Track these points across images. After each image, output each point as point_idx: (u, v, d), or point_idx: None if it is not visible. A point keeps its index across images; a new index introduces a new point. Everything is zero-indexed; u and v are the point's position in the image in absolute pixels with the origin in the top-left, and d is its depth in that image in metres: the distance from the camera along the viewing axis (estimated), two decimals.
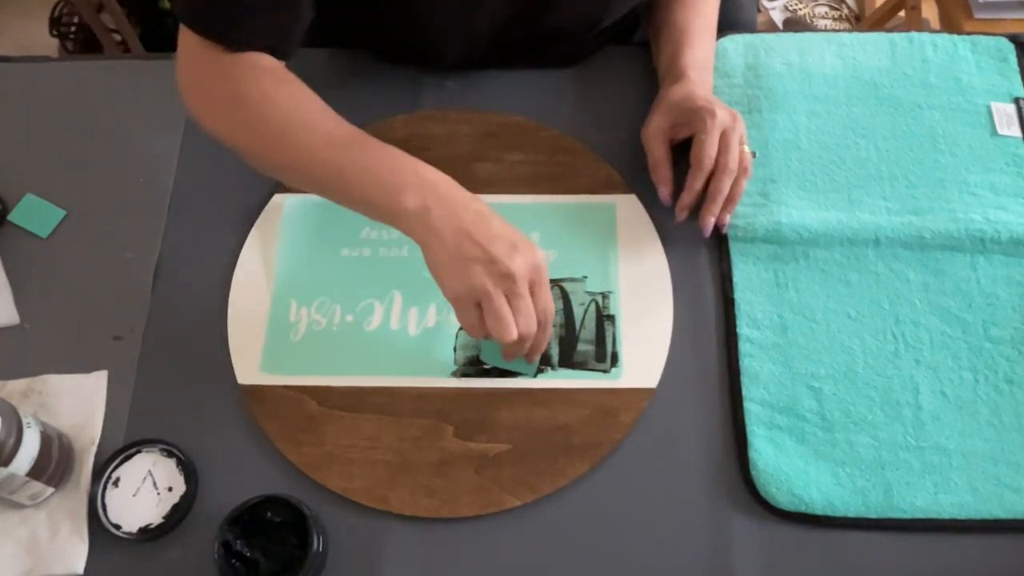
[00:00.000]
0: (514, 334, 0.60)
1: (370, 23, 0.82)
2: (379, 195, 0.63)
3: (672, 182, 0.75)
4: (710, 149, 0.71)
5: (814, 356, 0.71)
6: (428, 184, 0.62)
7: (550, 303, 0.63)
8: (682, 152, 0.76)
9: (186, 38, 0.68)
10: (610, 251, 0.76)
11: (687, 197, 0.74)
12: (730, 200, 0.74)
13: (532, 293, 0.62)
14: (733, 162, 0.71)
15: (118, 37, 1.68)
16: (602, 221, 0.78)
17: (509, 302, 0.60)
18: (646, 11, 0.87)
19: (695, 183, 0.73)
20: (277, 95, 0.67)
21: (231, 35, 0.67)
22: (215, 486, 0.67)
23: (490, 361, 0.71)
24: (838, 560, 0.65)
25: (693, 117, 0.72)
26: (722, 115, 0.71)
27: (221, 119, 0.68)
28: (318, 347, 0.73)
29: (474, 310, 0.61)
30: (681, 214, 0.75)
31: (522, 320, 0.61)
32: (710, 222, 0.74)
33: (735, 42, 0.87)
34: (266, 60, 0.68)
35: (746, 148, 0.73)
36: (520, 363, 0.70)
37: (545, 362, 0.72)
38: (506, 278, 0.60)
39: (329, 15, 0.73)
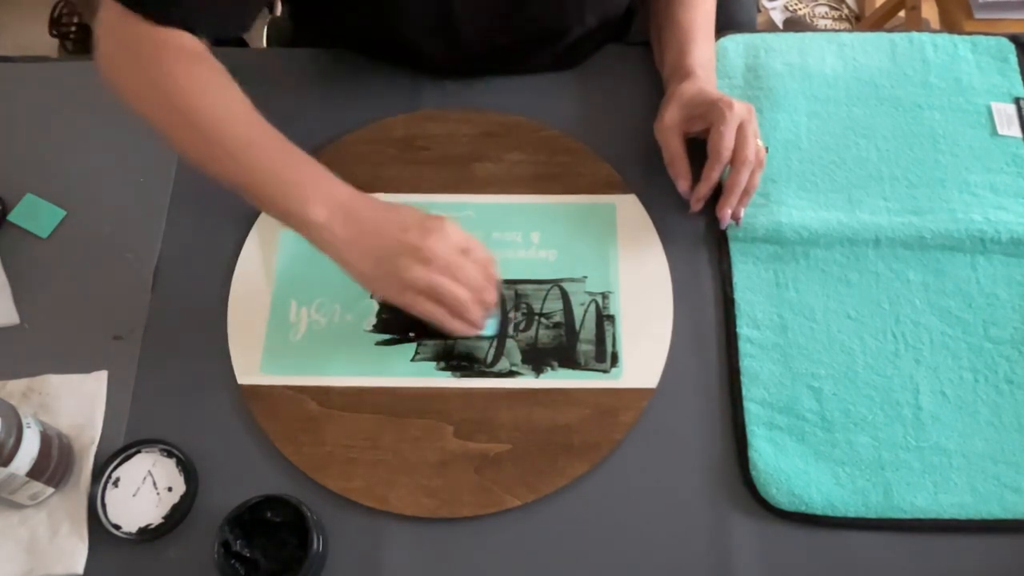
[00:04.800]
0: (475, 315, 0.63)
1: (347, 16, 0.81)
2: (286, 202, 0.64)
3: (691, 175, 0.76)
4: (728, 140, 0.72)
5: (814, 356, 0.71)
6: (333, 197, 0.64)
7: (484, 254, 0.65)
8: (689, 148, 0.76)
9: (108, 11, 0.66)
10: (610, 251, 0.76)
11: (703, 188, 0.74)
12: (746, 193, 0.74)
13: (468, 256, 0.64)
14: (751, 154, 0.72)
15: None
16: (602, 221, 0.78)
17: (453, 275, 0.62)
18: (643, 11, 0.87)
19: (712, 173, 0.73)
20: (198, 83, 0.66)
21: (161, 9, 0.65)
22: (215, 486, 0.67)
23: None
24: (838, 560, 0.65)
25: (710, 109, 0.73)
26: (739, 108, 0.72)
27: (142, 100, 0.67)
28: (318, 347, 0.73)
29: (429, 302, 0.63)
30: (696, 205, 0.76)
31: (470, 281, 0.63)
32: (727, 214, 0.75)
33: (735, 42, 0.87)
34: (190, 41, 0.67)
35: (760, 142, 0.74)
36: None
37: (545, 362, 0.72)
38: (431, 260, 0.62)
39: (306, 9, 0.72)
